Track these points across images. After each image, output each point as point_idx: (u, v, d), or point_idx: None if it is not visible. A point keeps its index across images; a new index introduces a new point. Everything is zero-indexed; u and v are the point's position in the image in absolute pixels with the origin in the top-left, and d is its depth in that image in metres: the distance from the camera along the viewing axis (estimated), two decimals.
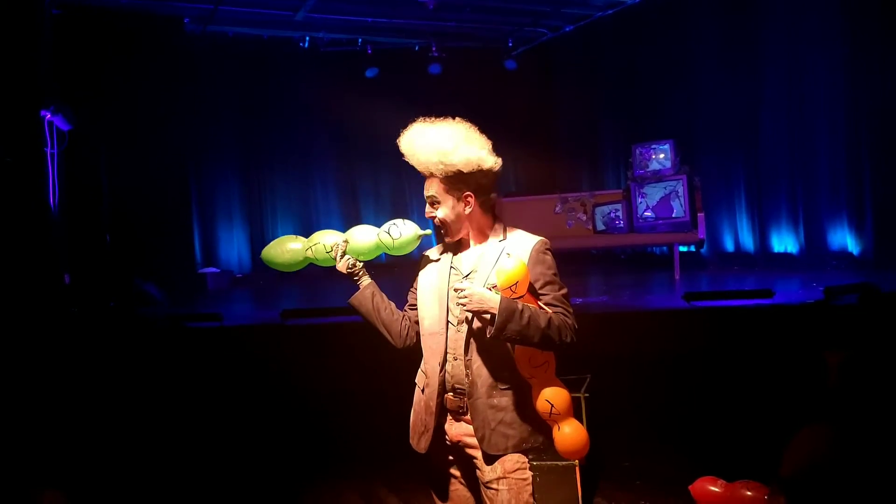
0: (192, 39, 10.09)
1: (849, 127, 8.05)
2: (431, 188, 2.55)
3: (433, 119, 2.60)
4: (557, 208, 9.44)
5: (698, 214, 8.57)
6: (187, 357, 5.50)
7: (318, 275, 12.80)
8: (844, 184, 8.12)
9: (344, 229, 2.77)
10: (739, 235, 9.41)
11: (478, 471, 2.48)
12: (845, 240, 8.15)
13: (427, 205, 2.58)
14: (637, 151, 9.18)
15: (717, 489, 3.94)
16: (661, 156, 8.97)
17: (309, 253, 2.69)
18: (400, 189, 12.26)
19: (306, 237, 2.80)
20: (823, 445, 1.82)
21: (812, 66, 8.43)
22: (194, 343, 5.66)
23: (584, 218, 9.35)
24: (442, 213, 2.54)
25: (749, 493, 3.82)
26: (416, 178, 2.56)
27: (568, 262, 7.98)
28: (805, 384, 3.87)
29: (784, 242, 8.86)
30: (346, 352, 5.38)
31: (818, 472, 1.89)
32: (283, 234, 11.79)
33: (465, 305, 2.35)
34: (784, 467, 1.89)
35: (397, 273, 12.31)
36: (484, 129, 2.55)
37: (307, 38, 11.06)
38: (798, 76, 8.59)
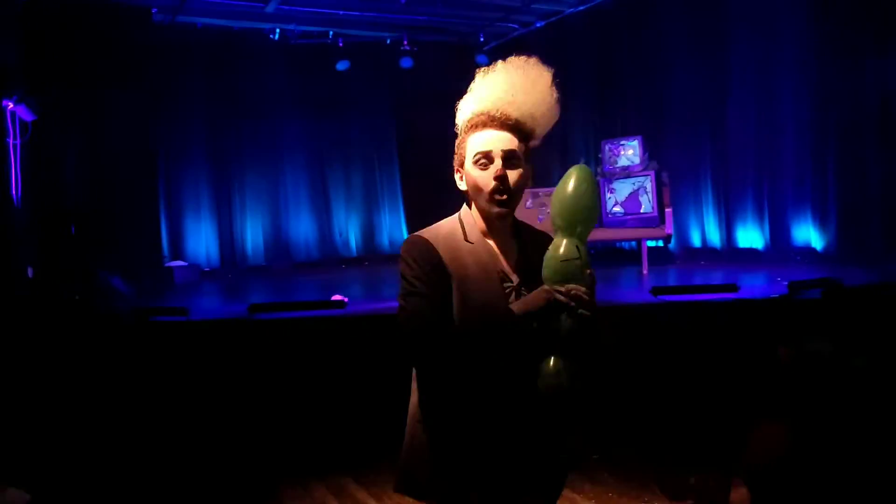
0: (160, 30, 9.96)
1: (814, 124, 8.18)
2: (512, 143, 2.04)
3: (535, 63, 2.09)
4: (528, 203, 9.47)
5: (666, 210, 8.66)
6: (152, 351, 5.44)
7: (286, 270, 12.57)
8: (809, 180, 8.26)
9: (314, 221, 2.58)
10: (706, 231, 9.53)
11: None
12: (809, 235, 8.28)
13: (498, 160, 2.01)
14: (606, 147, 9.25)
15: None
16: (630, 152, 9.05)
17: None
18: (371, 182, 12.26)
19: (273, 229, 2.69)
20: (780, 442, 1.85)
21: (779, 63, 8.55)
22: (159, 337, 5.60)
23: None
24: (514, 177, 2.03)
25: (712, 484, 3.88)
26: (387, 170, 2.40)
27: None
28: (763, 378, 3.93)
29: (749, 238, 8.98)
30: (314, 346, 5.36)
31: (776, 468, 1.91)
32: (251, 227, 11.65)
33: (585, 307, 1.91)
34: (743, 462, 1.92)
35: (368, 266, 12.23)
36: (456, 124, 2.36)
37: (277, 31, 10.98)
38: (766, 73, 8.70)
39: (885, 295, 5.32)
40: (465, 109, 2.10)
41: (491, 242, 2.06)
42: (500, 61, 2.09)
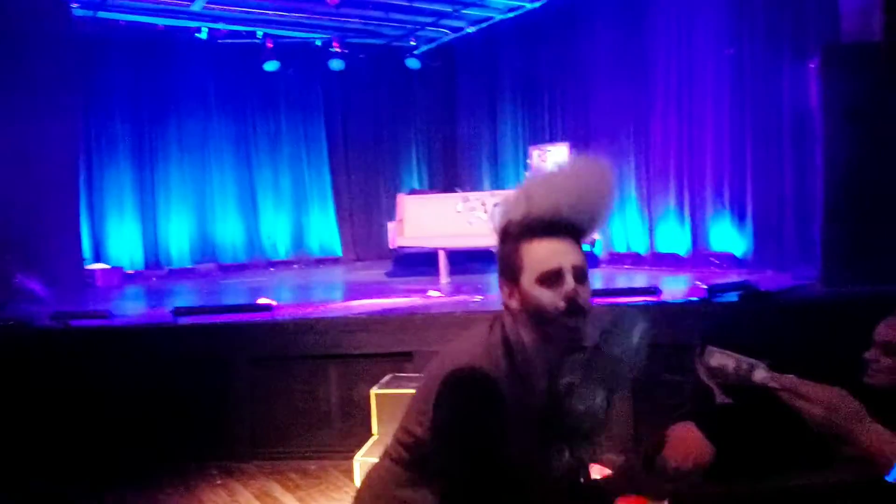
0: (81, 25, 9.67)
1: (733, 133, 8.48)
2: (579, 255, 1.71)
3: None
4: (459, 207, 9.54)
5: None
6: (72, 356, 5.28)
7: (212, 273, 12.30)
8: (727, 187, 8.57)
9: (242, 223, 2.48)
10: (630, 236, 9.78)
11: None
12: (728, 241, 8.59)
13: (569, 278, 1.66)
14: (534, 153, 9.39)
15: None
16: (558, 157, 9.22)
17: None
18: (300, 183, 12.14)
19: (199, 231, 2.60)
20: (693, 444, 1.87)
21: (699, 73, 8.85)
22: (80, 342, 5.44)
23: (485, 217, 9.48)
24: (586, 295, 1.69)
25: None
26: (317, 171, 2.31)
27: (471, 260, 8.12)
28: (680, 382, 4.07)
29: (672, 243, 9.26)
30: (238, 349, 5.30)
31: (690, 470, 1.94)
32: (176, 228, 11.40)
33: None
34: (656, 463, 1.93)
35: (296, 269, 12.08)
36: (387, 127, 2.33)
37: (204, 29, 10.79)
38: (686, 82, 9.00)
39: (797, 297, 5.57)
40: (516, 212, 1.72)
41: (535, 379, 1.72)
42: (556, 160, 1.81)
